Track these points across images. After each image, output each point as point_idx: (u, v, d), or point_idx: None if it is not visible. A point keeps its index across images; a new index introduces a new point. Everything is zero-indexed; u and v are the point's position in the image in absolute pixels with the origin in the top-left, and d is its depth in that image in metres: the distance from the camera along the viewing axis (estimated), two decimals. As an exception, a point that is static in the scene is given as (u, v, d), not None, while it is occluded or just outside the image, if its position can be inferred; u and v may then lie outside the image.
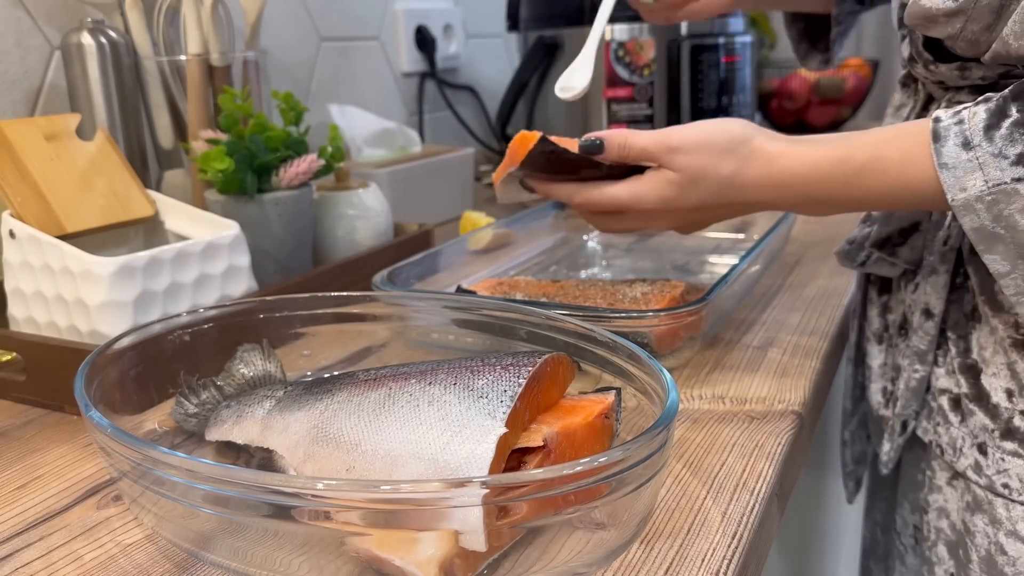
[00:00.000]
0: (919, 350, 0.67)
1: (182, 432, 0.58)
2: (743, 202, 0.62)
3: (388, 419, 0.46)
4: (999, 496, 0.61)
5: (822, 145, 0.59)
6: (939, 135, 0.53)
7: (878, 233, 0.69)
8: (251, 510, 0.40)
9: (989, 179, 0.51)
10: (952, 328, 0.66)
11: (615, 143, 0.63)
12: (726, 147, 0.60)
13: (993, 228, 0.52)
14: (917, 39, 0.62)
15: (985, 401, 0.62)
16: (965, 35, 0.57)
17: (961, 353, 0.65)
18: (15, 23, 0.87)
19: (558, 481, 0.39)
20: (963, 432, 0.64)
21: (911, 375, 0.68)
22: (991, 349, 0.62)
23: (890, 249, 0.69)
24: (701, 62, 1.38)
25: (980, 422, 0.63)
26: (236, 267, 0.75)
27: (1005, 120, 0.51)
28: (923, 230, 0.68)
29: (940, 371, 0.67)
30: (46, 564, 0.46)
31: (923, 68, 0.63)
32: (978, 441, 0.63)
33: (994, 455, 0.62)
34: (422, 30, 1.50)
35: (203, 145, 0.83)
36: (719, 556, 0.46)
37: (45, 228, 0.69)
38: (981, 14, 0.55)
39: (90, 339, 0.67)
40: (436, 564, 0.40)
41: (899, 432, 0.71)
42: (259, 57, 0.94)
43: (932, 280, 0.66)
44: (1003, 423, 0.61)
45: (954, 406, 0.65)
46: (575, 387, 0.53)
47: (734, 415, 0.62)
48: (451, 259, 0.88)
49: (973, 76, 0.60)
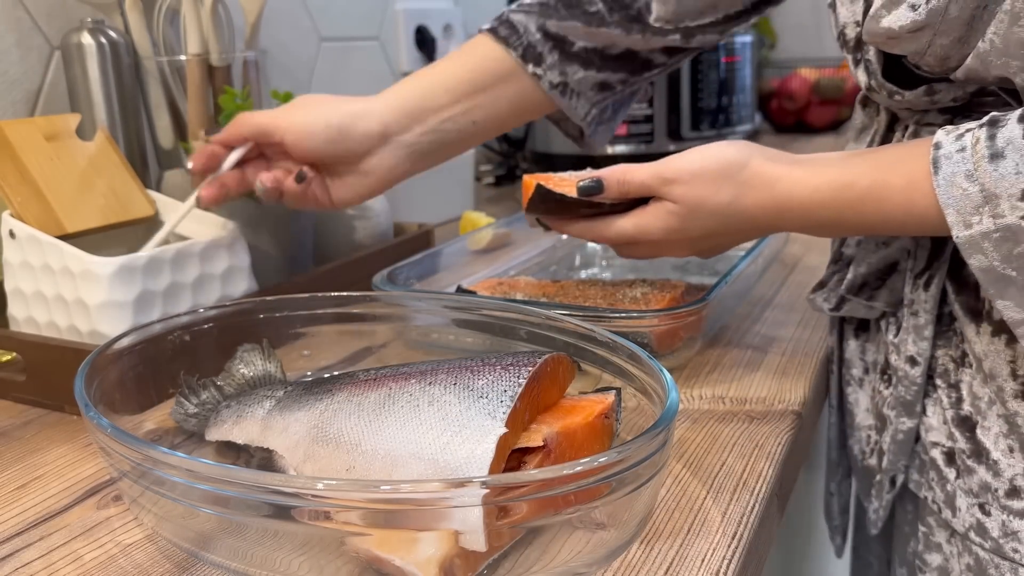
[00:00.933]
0: (905, 400, 0.61)
1: (182, 432, 0.58)
2: (750, 227, 0.60)
3: (388, 419, 0.46)
4: (1007, 560, 0.57)
5: (823, 168, 0.56)
6: (939, 164, 0.49)
7: (853, 279, 0.64)
8: (251, 510, 0.40)
9: (997, 215, 0.47)
10: (940, 376, 0.60)
11: (614, 181, 0.62)
12: (722, 174, 0.58)
13: (1003, 269, 0.48)
14: (875, 70, 0.57)
15: (984, 457, 0.57)
16: (933, 50, 0.52)
17: (953, 404, 0.59)
18: (15, 23, 0.86)
19: (558, 481, 0.39)
20: (961, 489, 0.59)
21: (898, 427, 0.62)
22: (986, 399, 0.57)
23: (868, 294, 0.64)
24: (701, 62, 1.38)
25: (980, 480, 0.57)
26: (236, 267, 0.75)
27: (1010, 148, 0.47)
28: (901, 270, 0.63)
29: (931, 422, 0.61)
30: (46, 564, 0.46)
31: (887, 98, 0.58)
32: (979, 501, 0.57)
33: (999, 516, 0.56)
34: (422, 30, 1.50)
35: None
36: (719, 556, 0.46)
37: (45, 228, 0.69)
38: (951, 27, 0.50)
39: (90, 339, 0.67)
40: (436, 564, 0.40)
41: (887, 488, 0.65)
42: (259, 57, 0.94)
43: (915, 324, 0.60)
44: (1006, 481, 0.56)
45: (948, 460, 0.60)
46: (575, 387, 0.53)
47: (734, 415, 0.62)
48: (451, 259, 0.88)
49: (943, 99, 0.56)
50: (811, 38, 2.23)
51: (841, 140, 1.79)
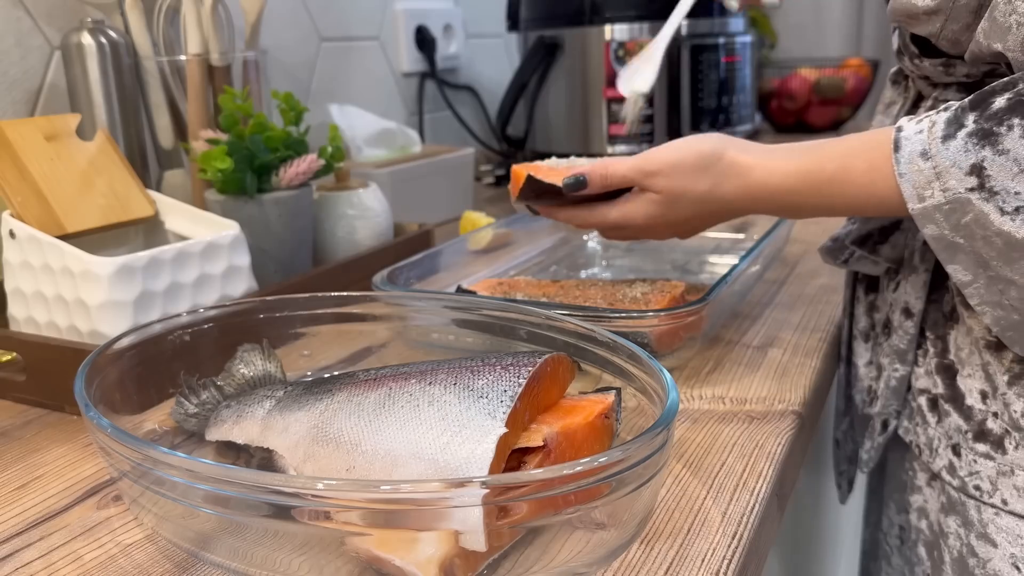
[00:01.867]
0: (899, 349, 0.68)
1: (182, 432, 0.58)
2: (726, 212, 0.66)
3: (388, 419, 0.46)
4: (971, 498, 0.62)
5: (793, 156, 0.61)
6: (900, 144, 0.54)
7: (859, 230, 0.70)
8: (251, 510, 0.40)
9: (946, 189, 0.52)
10: (931, 328, 0.66)
11: (597, 176, 0.68)
12: (699, 164, 0.63)
13: (952, 237, 0.53)
14: (905, 31, 0.62)
15: (960, 402, 0.63)
16: (945, 34, 0.57)
17: (939, 353, 0.65)
18: (15, 23, 0.87)
19: (558, 481, 0.39)
20: (939, 433, 0.65)
21: (891, 374, 0.68)
22: (967, 350, 0.62)
23: (871, 247, 0.70)
24: (701, 62, 1.38)
25: (955, 423, 0.63)
26: (236, 267, 0.75)
27: (961, 130, 0.51)
28: (904, 228, 0.68)
29: (920, 371, 0.67)
30: (46, 564, 0.46)
31: (909, 62, 0.64)
32: (952, 442, 0.63)
33: (967, 456, 0.62)
34: (422, 30, 1.50)
35: (203, 145, 0.83)
36: (719, 556, 0.46)
37: (45, 228, 0.69)
38: (960, 13, 0.55)
39: (90, 339, 0.67)
40: (436, 564, 0.40)
41: (879, 431, 0.71)
42: (259, 57, 0.94)
43: (912, 279, 0.66)
44: (976, 424, 0.61)
45: (932, 406, 0.66)
46: (575, 387, 0.53)
47: (734, 415, 0.62)
48: (451, 259, 0.88)
49: (958, 73, 0.61)
50: (811, 38, 2.23)
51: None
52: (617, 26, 1.34)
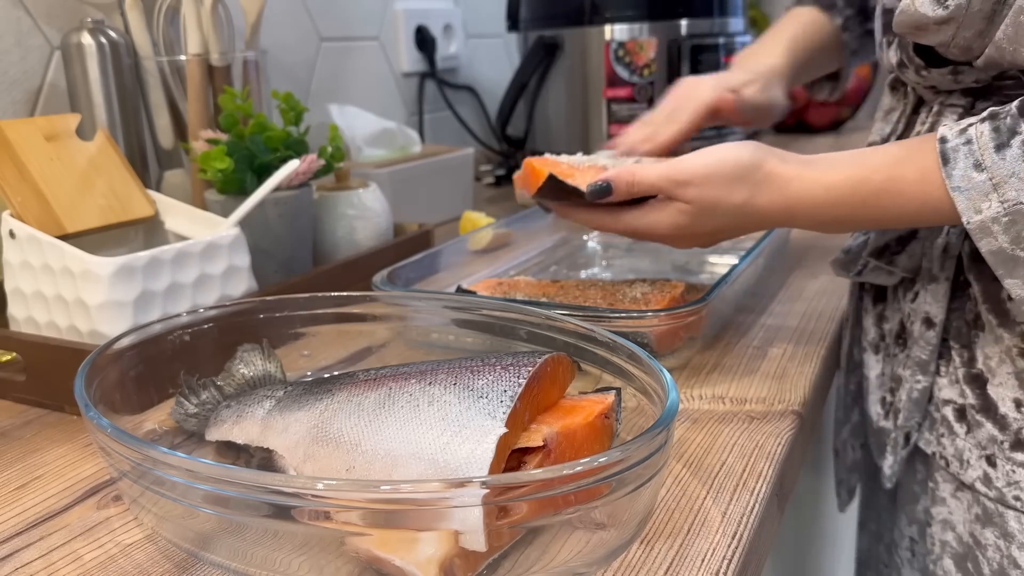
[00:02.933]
0: (920, 360, 0.65)
1: (182, 432, 0.58)
2: (759, 224, 0.62)
3: (388, 419, 0.46)
4: (1011, 508, 0.60)
5: (836, 167, 0.58)
6: (947, 157, 0.52)
7: (875, 242, 0.68)
8: (251, 510, 0.40)
9: (1005, 200, 0.50)
10: (955, 337, 0.64)
11: (623, 182, 0.64)
12: (737, 175, 0.60)
13: (1012, 251, 0.51)
14: (907, 44, 0.61)
15: (993, 412, 0.61)
16: (957, 42, 0.56)
17: (965, 363, 0.63)
18: (15, 23, 0.87)
19: (558, 481, 0.39)
20: (970, 443, 0.63)
21: (913, 386, 0.66)
22: (997, 358, 0.61)
23: (888, 257, 0.68)
24: (701, 62, 1.38)
25: (988, 433, 0.61)
26: (236, 267, 0.75)
27: (1016, 138, 0.50)
28: (921, 237, 0.66)
29: (943, 381, 0.65)
30: (46, 564, 0.46)
31: (914, 74, 0.62)
32: (986, 453, 0.62)
33: (1004, 467, 0.60)
34: (422, 30, 1.50)
35: (203, 145, 0.83)
36: (719, 556, 0.46)
37: (45, 228, 0.69)
38: (973, 20, 0.54)
39: (90, 339, 0.67)
40: (436, 564, 0.40)
41: (902, 445, 0.69)
42: (259, 57, 0.94)
43: (932, 288, 0.64)
44: (1012, 434, 0.60)
45: (959, 417, 0.64)
46: (575, 387, 0.53)
47: (734, 415, 0.62)
48: (451, 259, 0.88)
49: (966, 80, 0.60)
50: (811, 38, 2.22)
51: (841, 140, 1.80)
52: (617, 26, 1.34)
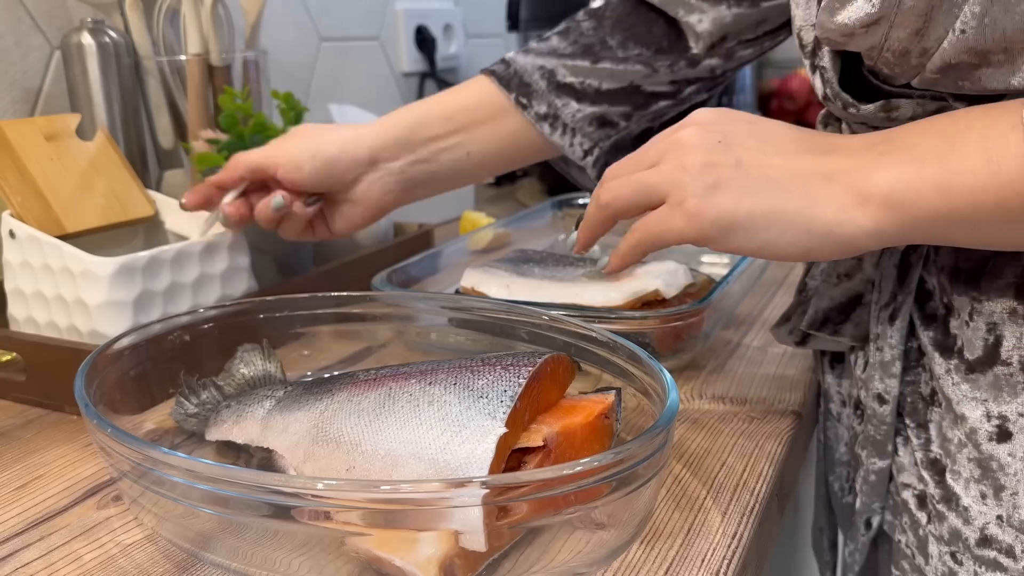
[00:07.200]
0: (875, 440, 0.57)
1: (182, 432, 0.58)
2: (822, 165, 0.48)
3: (388, 419, 0.46)
4: None
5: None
6: None
7: (814, 314, 0.60)
8: (251, 510, 0.40)
9: None
10: (910, 415, 0.56)
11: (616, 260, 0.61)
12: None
13: None
14: (830, 78, 0.52)
15: (954, 503, 0.52)
16: (890, 44, 0.47)
17: (922, 445, 0.54)
18: (15, 23, 0.86)
19: (558, 481, 0.39)
20: (932, 536, 0.54)
21: (869, 468, 0.58)
22: (956, 442, 0.51)
23: (831, 328, 0.60)
24: (701, 62, 1.38)
25: (951, 527, 0.52)
26: (236, 267, 0.75)
27: None
28: (866, 303, 0.59)
29: (902, 461, 0.56)
30: (46, 564, 0.46)
31: (842, 109, 0.53)
32: (951, 549, 0.53)
33: (970, 566, 0.51)
34: (422, 30, 1.50)
35: (203, 145, 0.83)
36: (719, 556, 0.46)
37: (45, 228, 0.69)
38: (907, 18, 0.46)
39: (90, 339, 0.67)
40: (436, 564, 0.40)
41: (862, 531, 0.61)
42: (259, 57, 0.93)
43: (881, 361, 0.56)
44: (977, 530, 0.51)
45: (920, 504, 0.55)
46: (575, 387, 0.53)
47: (734, 415, 0.62)
48: (451, 259, 0.88)
49: (901, 116, 0.50)
50: (811, 38, 2.22)
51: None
52: (617, 26, 1.34)
